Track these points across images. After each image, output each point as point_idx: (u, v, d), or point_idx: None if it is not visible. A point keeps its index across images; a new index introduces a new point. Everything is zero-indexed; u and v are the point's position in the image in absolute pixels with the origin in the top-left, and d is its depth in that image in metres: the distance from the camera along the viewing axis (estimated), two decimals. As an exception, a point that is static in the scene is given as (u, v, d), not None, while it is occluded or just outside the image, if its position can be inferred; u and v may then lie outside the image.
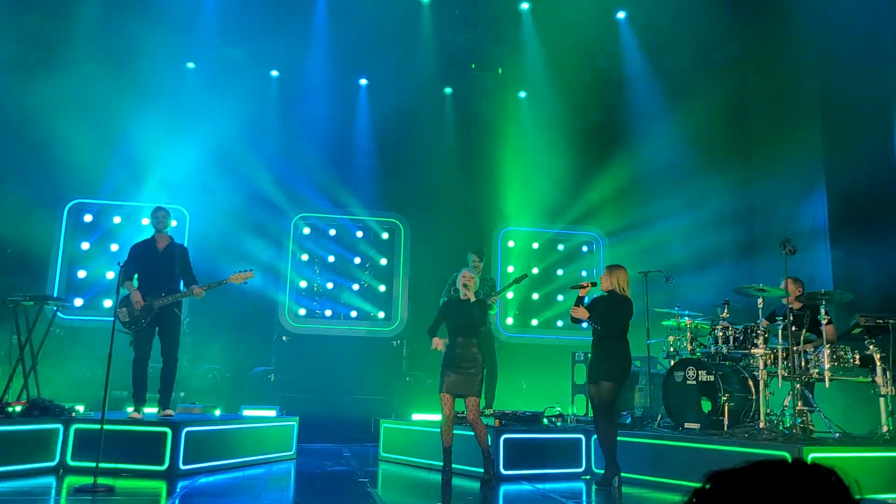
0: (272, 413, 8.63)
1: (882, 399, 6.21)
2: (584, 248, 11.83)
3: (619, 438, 6.89)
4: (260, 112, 10.76)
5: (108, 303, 9.74)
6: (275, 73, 11.09)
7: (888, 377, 6.13)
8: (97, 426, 5.51)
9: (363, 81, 11.35)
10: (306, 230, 11.05)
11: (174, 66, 10.52)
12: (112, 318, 5.84)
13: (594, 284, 6.54)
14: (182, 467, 6.11)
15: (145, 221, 9.74)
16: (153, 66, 10.15)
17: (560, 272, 11.75)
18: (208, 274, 7.33)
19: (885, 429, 6.17)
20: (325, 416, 9.35)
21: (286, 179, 10.65)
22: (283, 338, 10.49)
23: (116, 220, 10.44)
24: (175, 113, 10.22)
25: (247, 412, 8.23)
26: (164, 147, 10.09)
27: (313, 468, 7.17)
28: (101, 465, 5.40)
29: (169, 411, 6.76)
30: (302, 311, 10.81)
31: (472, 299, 6.46)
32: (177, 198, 10.20)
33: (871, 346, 6.27)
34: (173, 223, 7.45)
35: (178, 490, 5.57)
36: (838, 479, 0.74)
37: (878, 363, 6.21)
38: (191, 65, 10.72)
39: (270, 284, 10.40)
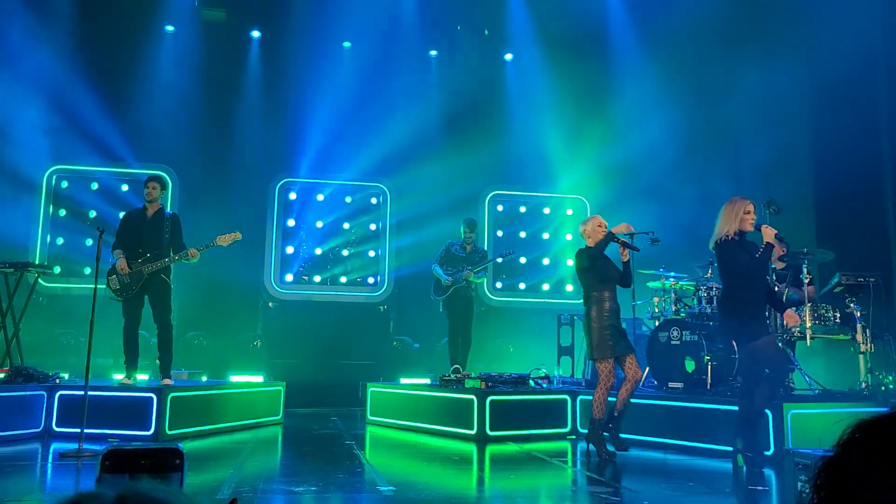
0: (259, 379, 8.67)
1: (861, 356, 6.28)
2: (570, 212, 11.82)
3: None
4: (242, 74, 10.61)
5: (90, 270, 9.68)
6: (256, 34, 10.89)
7: (867, 335, 6.19)
8: (81, 392, 5.50)
9: (347, 44, 11.17)
10: (292, 195, 10.96)
11: (154, 30, 10.34)
12: (94, 286, 5.79)
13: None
14: (168, 432, 6.13)
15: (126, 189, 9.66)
16: (132, 30, 9.98)
17: (546, 236, 11.75)
18: (193, 238, 7.26)
19: (863, 385, 6.25)
20: (313, 382, 9.40)
21: (270, 143, 10.53)
22: (270, 304, 10.47)
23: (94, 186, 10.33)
24: (154, 76, 10.06)
25: (234, 378, 8.25)
26: (148, 109, 9.95)
27: (300, 432, 7.22)
28: (87, 430, 5.41)
29: (168, 380, 6.71)
30: (289, 277, 10.77)
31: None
32: (162, 161, 10.09)
33: (851, 305, 6.32)
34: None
35: (164, 454, 5.58)
36: None
37: (858, 321, 6.26)
38: (170, 27, 10.51)
39: (257, 249, 10.34)
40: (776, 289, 6.63)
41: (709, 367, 6.69)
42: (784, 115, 9.71)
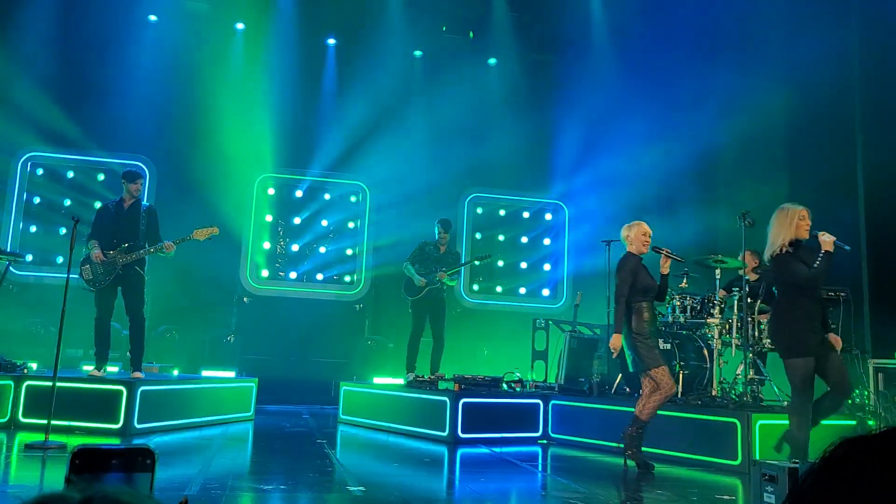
0: (231, 374, 8.61)
1: (830, 369, 6.36)
2: (548, 216, 11.88)
3: (577, 405, 7.03)
4: (224, 66, 10.52)
5: (63, 260, 9.55)
6: (240, 26, 10.81)
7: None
8: (49, 383, 5.42)
9: (331, 41, 11.13)
10: (270, 191, 10.90)
11: (136, 19, 10.23)
12: (66, 276, 5.71)
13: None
14: (137, 426, 6.07)
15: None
16: (114, 18, 9.87)
17: (525, 240, 11.80)
18: (170, 231, 7.19)
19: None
20: (286, 379, 9.36)
21: (251, 138, 10.45)
22: (245, 299, 10.40)
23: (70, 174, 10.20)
24: (135, 66, 9.96)
25: (206, 373, 8.18)
26: (127, 99, 9.84)
27: (271, 429, 7.18)
28: (54, 422, 5.33)
29: (139, 373, 6.64)
30: (264, 273, 10.70)
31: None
32: (140, 152, 9.98)
33: (821, 318, 6.40)
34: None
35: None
36: None
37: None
38: (153, 17, 10.40)
39: (233, 244, 10.26)
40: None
41: (680, 375, 6.75)
42: (760, 128, 9.83)
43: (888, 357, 6.26)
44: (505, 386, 7.51)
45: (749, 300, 6.76)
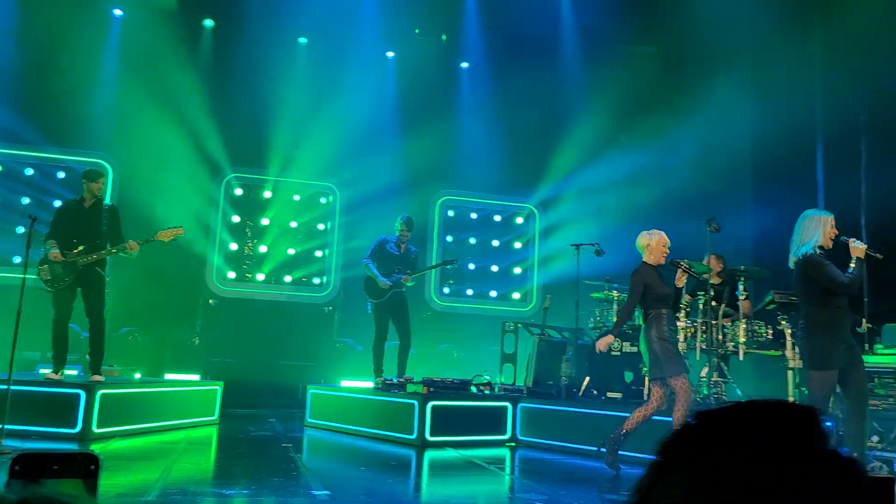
0: (196, 377, 8.47)
1: (790, 372, 6.47)
2: (520, 220, 11.91)
3: (545, 408, 7.04)
4: (192, 64, 10.36)
5: (20, 259, 9.31)
6: (209, 23, 10.66)
7: (796, 351, 6.38)
8: (4, 386, 5.27)
9: (302, 40, 11.02)
10: (238, 191, 10.75)
11: (100, 14, 10.04)
12: (23, 276, 5.56)
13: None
14: (96, 430, 5.92)
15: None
16: (77, 12, 9.67)
17: (496, 243, 11.81)
18: (134, 232, 7.06)
19: (791, 400, 6.43)
20: (252, 382, 9.22)
21: (219, 137, 10.30)
22: (211, 301, 10.24)
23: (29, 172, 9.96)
24: (98, 62, 9.77)
25: (169, 376, 8.04)
26: (90, 96, 9.65)
27: (236, 433, 7.07)
28: (9, 427, 5.19)
29: (98, 376, 6.48)
30: (231, 275, 10.56)
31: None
32: (102, 150, 9.79)
33: (782, 322, 6.51)
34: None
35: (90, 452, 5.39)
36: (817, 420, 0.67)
37: (789, 338, 6.45)
38: (118, 12, 10.21)
39: (199, 245, 10.11)
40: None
41: (646, 378, 6.79)
42: (725, 135, 9.98)
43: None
44: (474, 389, 7.49)
45: (713, 304, 6.85)
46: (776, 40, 9.03)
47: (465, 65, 11.56)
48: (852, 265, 4.66)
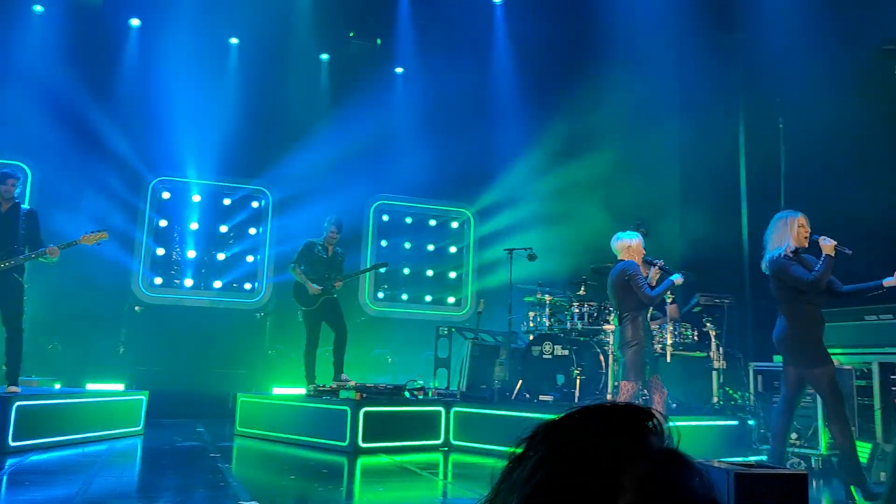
0: (120, 387, 8.19)
1: (715, 372, 6.69)
2: (455, 224, 11.96)
3: (478, 412, 7.08)
4: (118, 64, 10.04)
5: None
6: (135, 22, 10.33)
7: (721, 353, 6.61)
8: None
9: (234, 40, 10.81)
10: (166, 195, 10.46)
11: (19, 10, 9.62)
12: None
13: None
14: (11, 444, 5.66)
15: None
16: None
17: (431, 248, 11.83)
18: (54, 236, 6.78)
19: (715, 399, 6.65)
20: (180, 391, 8.97)
21: (145, 139, 9.99)
22: (136, 308, 9.91)
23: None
24: (17, 60, 9.36)
25: (91, 386, 7.75)
26: (6, 96, 9.21)
27: (161, 444, 6.86)
28: (-86, 442, 4.91)
29: (15, 388, 6.18)
30: (158, 280, 10.26)
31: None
32: (20, 153, 9.37)
33: (707, 324, 6.73)
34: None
35: (5, 467, 5.16)
36: (656, 422, 0.77)
37: (713, 340, 6.67)
38: (39, 8, 9.80)
39: (124, 250, 9.78)
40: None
41: (577, 380, 6.92)
42: (655, 144, 10.27)
43: (767, 360, 6.62)
44: (407, 394, 7.47)
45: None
46: (700, 47, 9.34)
47: (399, 69, 11.54)
48: (820, 262, 4.72)
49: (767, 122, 8.40)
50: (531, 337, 7.80)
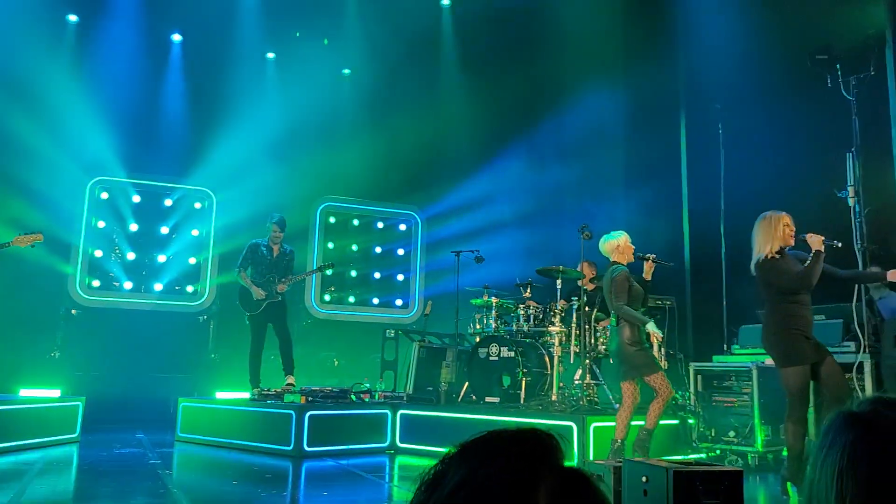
0: (56, 393, 7.92)
1: (657, 373, 6.81)
2: (403, 227, 11.94)
3: (425, 414, 7.07)
4: (54, 61, 9.71)
5: None
6: (73, 18, 10.02)
7: (662, 353, 6.73)
8: None
9: (176, 37, 10.57)
10: (104, 195, 10.16)
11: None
12: None
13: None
14: (-63, 454, 5.42)
15: None
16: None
17: (378, 250, 11.78)
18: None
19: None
20: (120, 397, 8.74)
21: (82, 139, 9.68)
22: (73, 311, 9.60)
23: None
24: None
25: (25, 392, 7.47)
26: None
27: (99, 451, 6.65)
28: None
29: None
30: (96, 283, 9.95)
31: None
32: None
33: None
34: None
35: (-72, 479, 4.93)
36: (556, 443, 0.90)
37: (655, 340, 6.79)
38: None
39: (60, 252, 9.46)
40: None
41: (523, 382, 6.97)
42: (600, 147, 10.45)
43: (707, 360, 6.79)
44: (353, 397, 7.42)
45: (587, 309, 7.12)
46: (642, 54, 9.55)
47: (347, 71, 11.47)
48: (809, 258, 4.68)
49: (708, 129, 8.62)
50: (478, 339, 7.83)
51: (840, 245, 4.82)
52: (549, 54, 10.27)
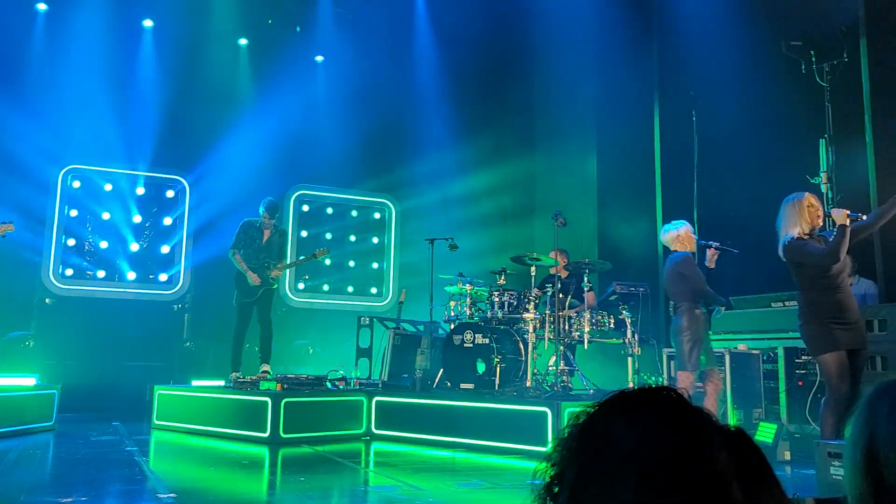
0: (31, 381, 7.87)
1: (630, 358, 6.97)
2: (377, 215, 11.97)
3: (400, 401, 7.15)
4: (24, 49, 9.57)
5: None
6: (42, 6, 9.85)
7: (636, 339, 6.88)
8: None
9: (148, 23, 10.45)
10: (76, 183, 10.05)
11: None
12: None
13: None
14: None
15: None
16: None
17: (353, 238, 11.80)
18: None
19: (630, 385, 6.93)
20: (95, 385, 8.73)
21: (54, 127, 9.55)
22: (47, 300, 9.52)
23: None
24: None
25: (-1, 381, 7.41)
26: None
27: (75, 438, 6.65)
28: None
29: None
30: (69, 272, 9.87)
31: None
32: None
33: (623, 311, 7.00)
34: None
35: None
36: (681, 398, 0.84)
37: (629, 326, 6.94)
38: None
39: (32, 241, 9.36)
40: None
41: (497, 368, 7.07)
42: (574, 139, 10.56)
43: (678, 346, 6.94)
44: (329, 384, 7.48)
45: (560, 296, 7.24)
46: (617, 43, 9.65)
47: (320, 58, 11.43)
48: (834, 233, 4.54)
49: (681, 116, 8.73)
50: (452, 326, 7.91)
51: (865, 217, 4.64)
52: (523, 40, 10.33)
